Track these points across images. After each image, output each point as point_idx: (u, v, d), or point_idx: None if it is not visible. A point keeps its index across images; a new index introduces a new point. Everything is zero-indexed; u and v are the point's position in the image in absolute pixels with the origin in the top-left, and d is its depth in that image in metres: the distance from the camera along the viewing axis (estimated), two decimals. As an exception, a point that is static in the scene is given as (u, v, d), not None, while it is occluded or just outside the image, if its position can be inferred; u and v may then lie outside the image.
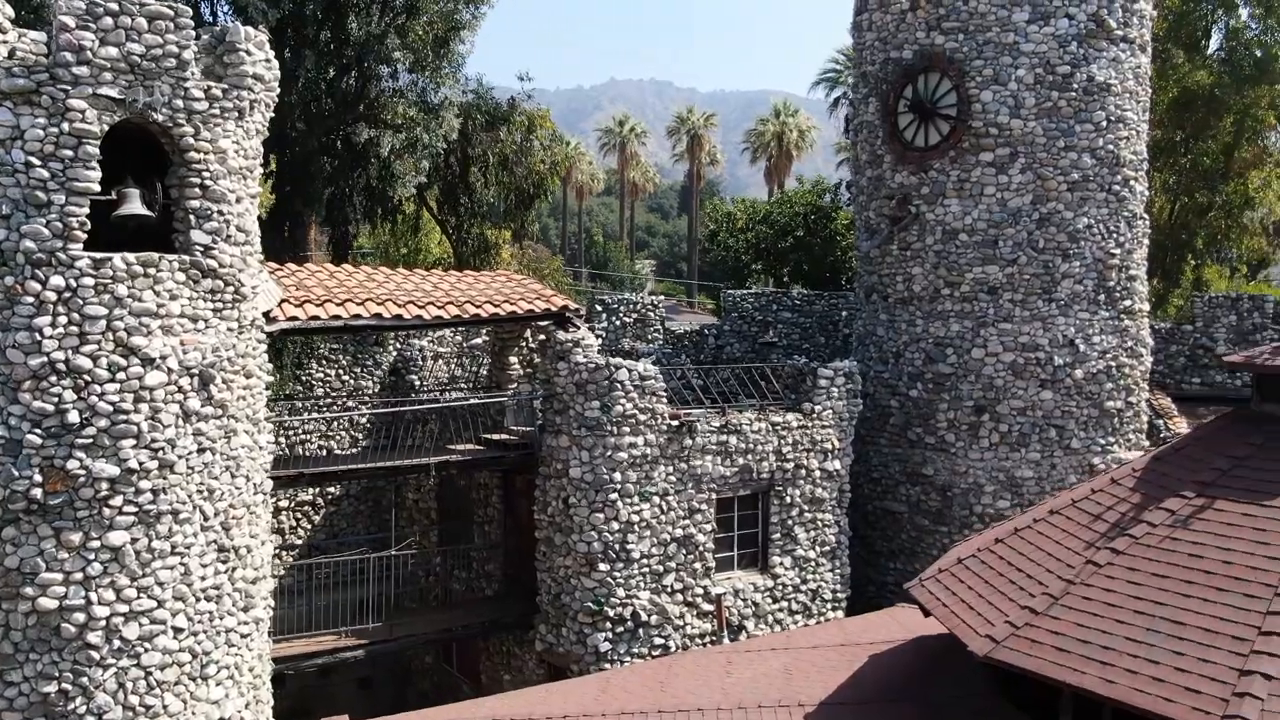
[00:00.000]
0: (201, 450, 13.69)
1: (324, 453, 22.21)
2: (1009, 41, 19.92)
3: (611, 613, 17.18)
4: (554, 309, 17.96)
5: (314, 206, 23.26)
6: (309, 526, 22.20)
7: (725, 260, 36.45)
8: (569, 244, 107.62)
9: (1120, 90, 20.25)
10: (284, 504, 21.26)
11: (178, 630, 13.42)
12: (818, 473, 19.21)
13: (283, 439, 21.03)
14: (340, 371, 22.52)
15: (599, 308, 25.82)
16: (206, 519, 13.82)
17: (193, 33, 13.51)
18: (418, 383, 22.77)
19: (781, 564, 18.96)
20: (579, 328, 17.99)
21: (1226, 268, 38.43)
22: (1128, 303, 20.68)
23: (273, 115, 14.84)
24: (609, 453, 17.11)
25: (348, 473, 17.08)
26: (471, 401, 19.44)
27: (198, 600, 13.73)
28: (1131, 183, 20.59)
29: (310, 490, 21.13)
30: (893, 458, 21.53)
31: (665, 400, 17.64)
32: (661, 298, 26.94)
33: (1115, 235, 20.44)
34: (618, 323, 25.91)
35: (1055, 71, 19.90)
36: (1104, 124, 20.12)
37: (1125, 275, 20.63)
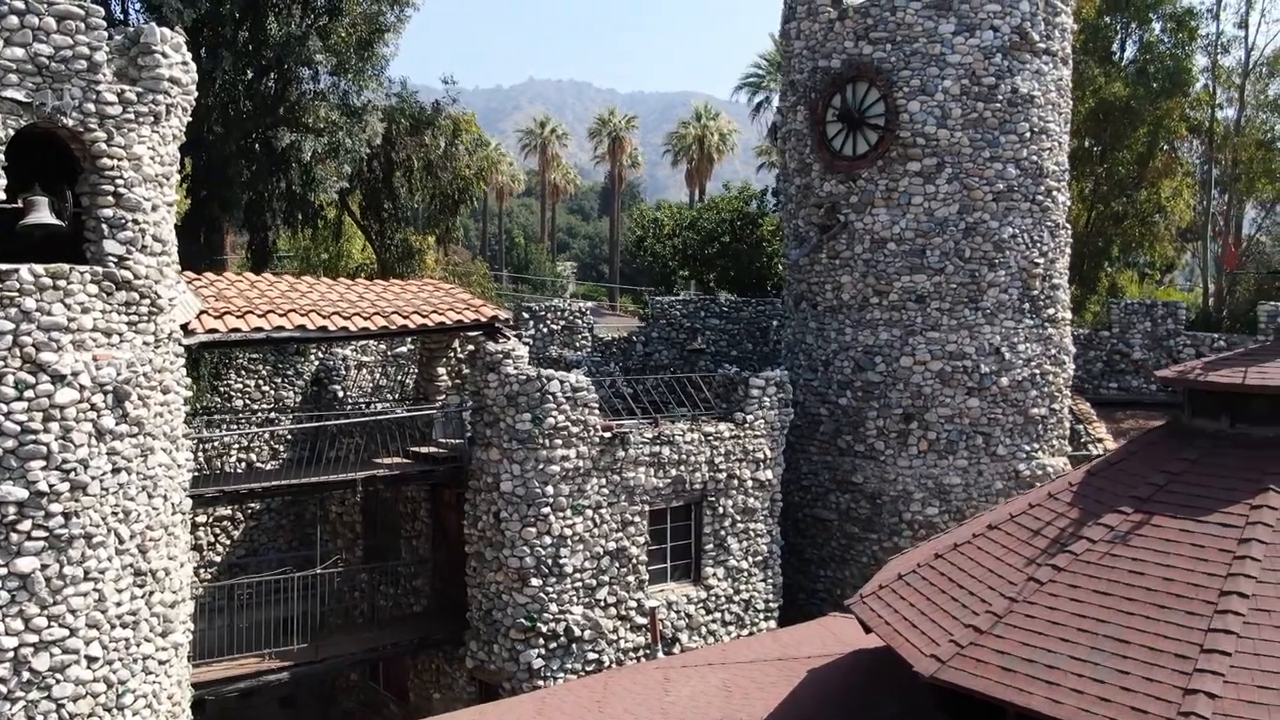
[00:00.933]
0: (116, 470, 13.11)
1: (244, 466, 21.55)
2: (935, 53, 20.09)
3: (544, 628, 16.88)
4: (483, 319, 17.60)
5: (232, 211, 22.52)
6: (228, 542, 21.50)
7: (652, 267, 36.33)
8: (489, 245, 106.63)
9: (1043, 102, 20.56)
10: (201, 519, 20.54)
11: (91, 660, 12.83)
12: (750, 482, 19.15)
13: (201, 454, 20.34)
14: (260, 382, 21.85)
15: (526, 315, 25.50)
16: (122, 542, 13.24)
17: (105, 34, 12.93)
18: (341, 393, 22.20)
19: (714, 575, 18.86)
20: (509, 338, 17.66)
21: (1138, 272, 39.45)
22: (1051, 311, 21.01)
23: (189, 118, 14.29)
24: (541, 466, 16.82)
25: (271, 490, 16.51)
26: (398, 414, 18.98)
27: (113, 627, 13.15)
28: (1054, 193, 20.93)
29: (229, 505, 20.44)
30: (823, 465, 21.57)
31: (597, 412, 17.41)
32: (588, 304, 26.66)
33: (1039, 245, 20.75)
34: (545, 330, 25.61)
35: (980, 83, 20.13)
36: (1028, 135, 20.41)
37: (1049, 284, 20.95)
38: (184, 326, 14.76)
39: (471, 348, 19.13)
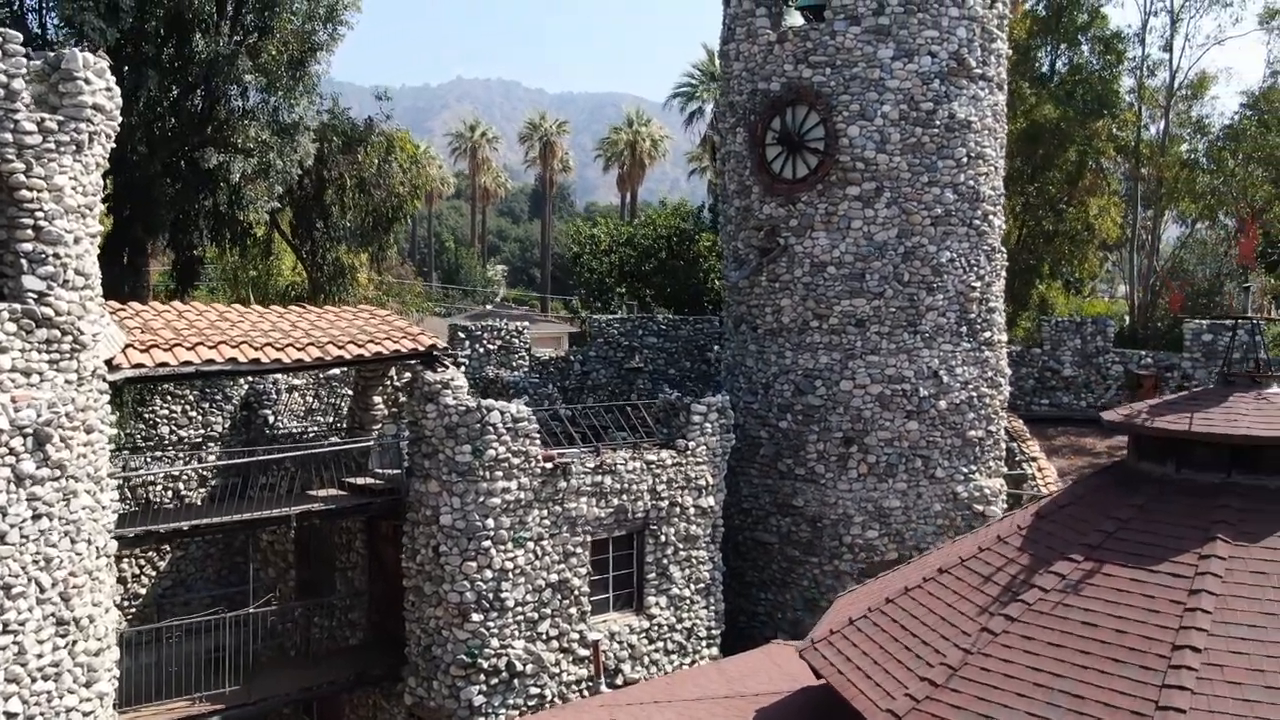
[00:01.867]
0: (37, 516, 12.53)
1: (171, 495, 20.86)
2: (875, 78, 20.14)
3: (485, 664, 16.56)
4: (421, 348, 17.21)
5: (157, 232, 21.75)
6: (154, 574, 20.79)
7: (589, 282, 36.13)
8: (418, 249, 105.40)
9: (980, 127, 20.73)
10: (124, 549, 19.82)
11: (11, 715, 12.25)
12: (692, 510, 19.01)
13: (126, 484, 19.62)
14: (187, 408, 21.16)
15: (461, 335, 25.08)
16: (43, 590, 12.66)
17: (23, 60, 12.33)
18: (272, 418, 21.60)
19: (657, 604, 18.68)
20: (448, 367, 17.30)
21: (1063, 281, 40.04)
22: (987, 334, 21.19)
23: (113, 144, 13.72)
24: (481, 498, 16.49)
25: (200, 529, 15.94)
26: (332, 443, 18.49)
27: (34, 680, 12.58)
28: (990, 217, 21.12)
29: (157, 544, 19.73)
30: (763, 489, 21.52)
31: (539, 442, 17.13)
32: (526, 324, 26.33)
33: (976, 269, 20.92)
34: (481, 350, 25.23)
35: (919, 108, 20.22)
36: (965, 160, 20.56)
37: (985, 307, 21.13)
38: (108, 362, 14.18)
39: (409, 376, 18.72)
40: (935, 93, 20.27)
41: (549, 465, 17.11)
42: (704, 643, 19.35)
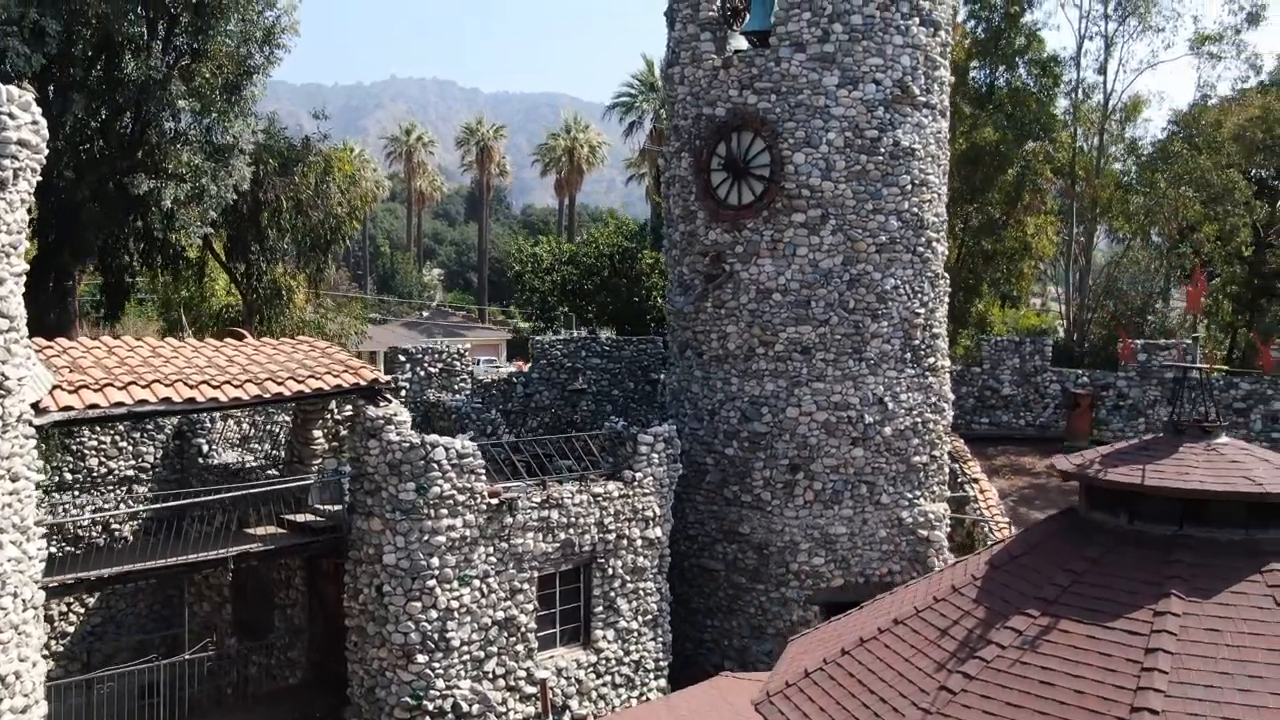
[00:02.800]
0: (-40, 573, 11.98)
1: (100, 530, 20.18)
2: (820, 105, 20.12)
3: (431, 706, 16.22)
4: (363, 382, 16.81)
5: (84, 258, 20.97)
6: (82, 610, 20.09)
7: (531, 301, 35.77)
8: (353, 253, 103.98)
9: (923, 155, 20.82)
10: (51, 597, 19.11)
11: (-67, 782, 11.70)
12: (639, 541, 18.83)
13: (49, 514, 18.91)
14: (117, 439, 20.47)
15: (402, 358, 24.64)
16: (-34, 650, 12.11)
17: (-56, 95, 11.78)
18: (206, 447, 20.99)
19: (604, 637, 18.47)
20: (390, 401, 16.93)
21: (998, 295, 40.56)
22: (931, 360, 21.30)
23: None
24: (426, 537, 16.15)
25: (134, 574, 15.37)
26: (271, 481, 17.97)
27: (-43, 744, 12.04)
28: (934, 244, 21.23)
29: (89, 592, 19.02)
30: (709, 515, 21.41)
31: (484, 477, 16.83)
32: (467, 345, 25.95)
33: (920, 295, 21.01)
34: (422, 373, 24.81)
35: (864, 135, 20.25)
36: (909, 188, 20.63)
37: (929, 334, 21.24)
38: (35, 405, 13.62)
39: (350, 410, 18.28)
40: (880, 120, 20.32)
41: (495, 501, 16.82)
42: (652, 675, 19.18)
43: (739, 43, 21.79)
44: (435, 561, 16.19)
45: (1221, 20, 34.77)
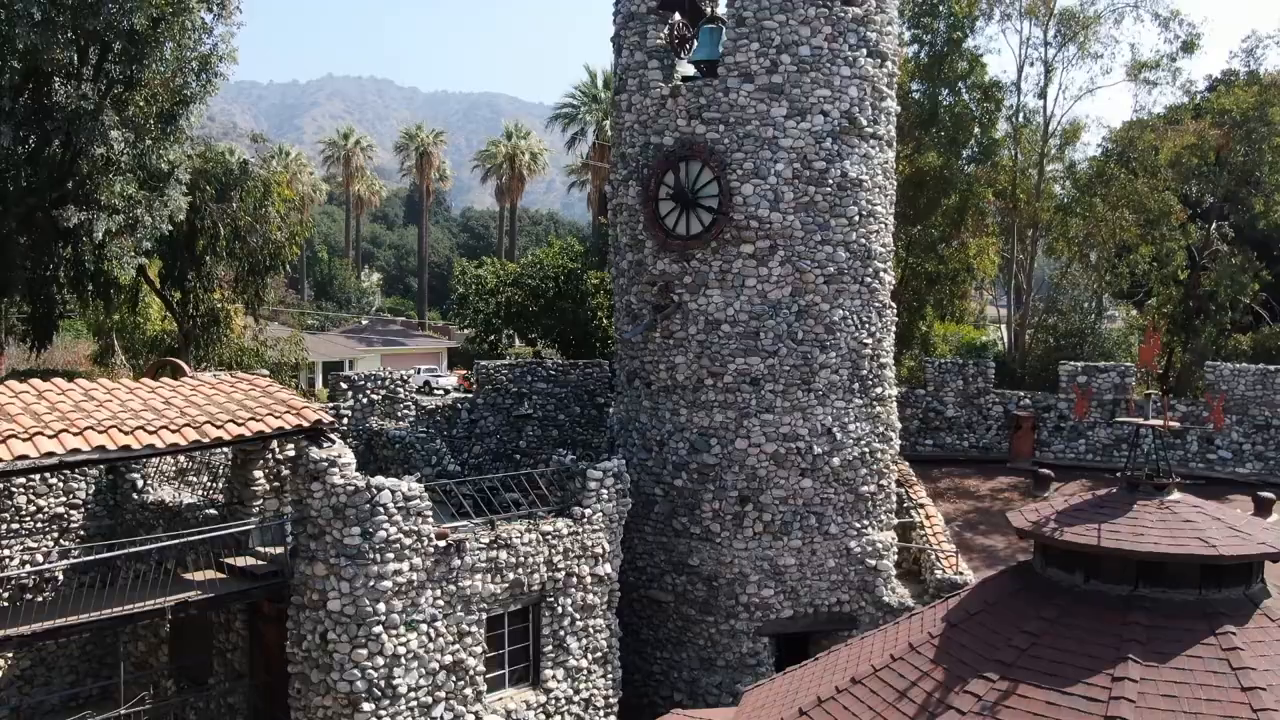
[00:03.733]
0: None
1: (27, 568, 19.46)
2: (768, 136, 20.07)
3: (377, 755, 15.84)
4: (306, 423, 16.37)
5: (11, 291, 20.16)
6: (9, 657, 19.36)
7: (475, 323, 35.34)
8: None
9: (871, 185, 20.86)
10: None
11: None
12: (589, 579, 18.59)
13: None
14: (46, 474, 19.76)
15: (345, 386, 24.15)
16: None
17: None
18: (141, 482, 20.36)
19: (554, 677, 18.20)
20: (334, 441, 16.51)
21: (940, 313, 40.99)
22: (879, 389, 21.35)
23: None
24: (371, 582, 15.78)
25: (66, 630, 14.80)
26: (210, 526, 17.43)
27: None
28: (881, 274, 21.27)
29: (17, 650, 18.28)
30: (658, 546, 21.26)
31: (431, 519, 16.49)
32: (411, 371, 25.51)
33: (868, 325, 21.04)
34: (364, 401, 24.35)
35: (812, 167, 20.23)
36: (856, 219, 20.66)
37: (877, 364, 21.28)
38: (-39, 459, 13.05)
39: (292, 449, 17.79)
40: (828, 151, 20.32)
41: (443, 543, 16.49)
42: (602, 713, 18.95)
43: (686, 68, 21.68)
44: (381, 607, 15.82)
45: (1158, 49, 35.59)
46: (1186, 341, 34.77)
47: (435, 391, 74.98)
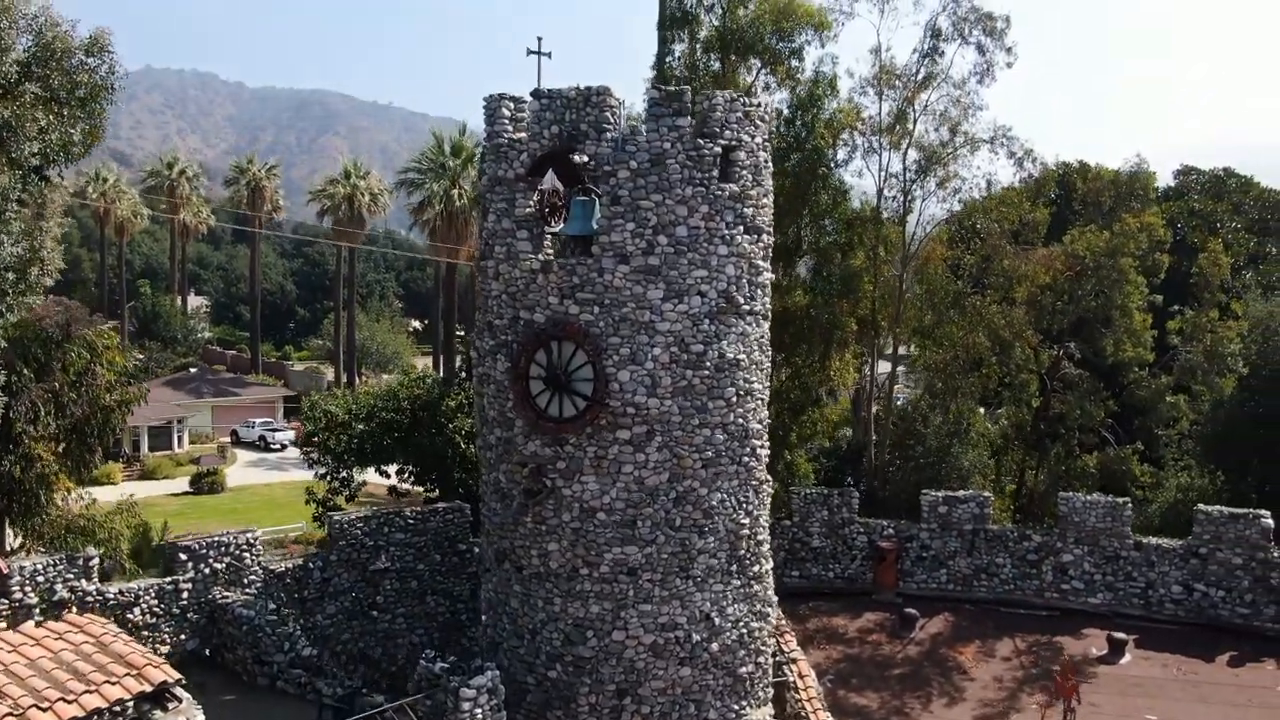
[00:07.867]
0: None
1: None
2: (645, 320, 19.31)
3: None
4: (149, 687, 14.70)
5: None
6: None
7: (325, 462, 33.40)
8: (107, 280, 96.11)
9: (748, 363, 20.35)
10: None
11: None
12: (462, 807, 17.47)
13: None
14: None
15: (184, 556, 22.19)
16: None
17: None
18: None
19: None
20: (181, 701, 14.91)
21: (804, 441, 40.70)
22: (756, 567, 20.90)
23: None
24: None
25: None
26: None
27: None
28: (758, 450, 20.79)
29: None
30: (531, 738, 20.27)
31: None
32: (254, 533, 23.72)
33: (745, 505, 20.54)
34: (206, 571, 22.44)
35: (689, 350, 19.57)
36: (734, 399, 20.12)
37: (754, 542, 20.82)
38: None
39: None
40: (705, 333, 19.70)
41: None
42: None
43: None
44: None
45: (1013, 183, 36.63)
46: (1039, 462, 36.00)
47: (273, 447, 71.96)
